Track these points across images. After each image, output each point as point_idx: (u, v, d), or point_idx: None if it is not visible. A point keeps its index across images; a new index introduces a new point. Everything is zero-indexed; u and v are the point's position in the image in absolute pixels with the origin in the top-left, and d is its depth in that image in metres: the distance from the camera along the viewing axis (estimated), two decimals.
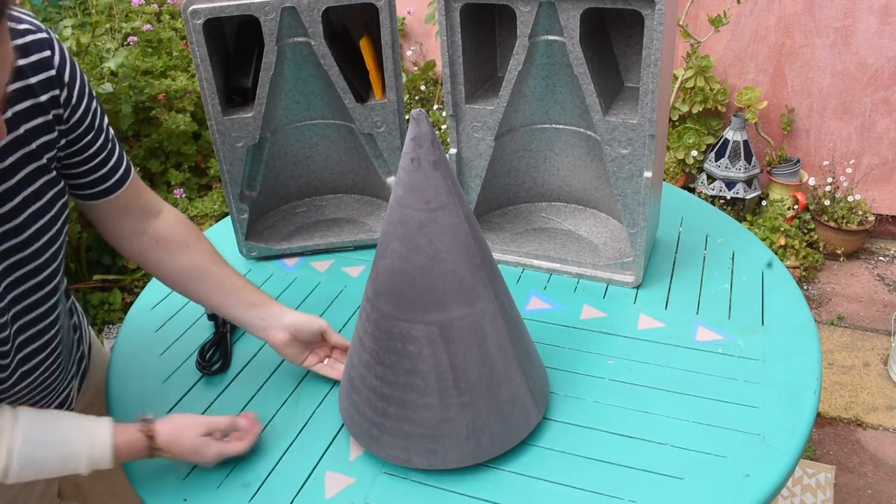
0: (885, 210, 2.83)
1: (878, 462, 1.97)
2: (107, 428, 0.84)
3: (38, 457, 0.80)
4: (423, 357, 0.84)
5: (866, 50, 2.62)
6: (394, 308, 0.84)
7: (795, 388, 0.99)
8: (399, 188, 0.81)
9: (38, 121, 0.79)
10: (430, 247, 0.81)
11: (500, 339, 0.87)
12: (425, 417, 0.86)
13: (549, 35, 1.15)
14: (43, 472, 0.81)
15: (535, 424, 0.93)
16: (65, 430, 0.82)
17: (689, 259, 1.30)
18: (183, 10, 1.14)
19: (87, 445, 0.82)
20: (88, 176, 0.88)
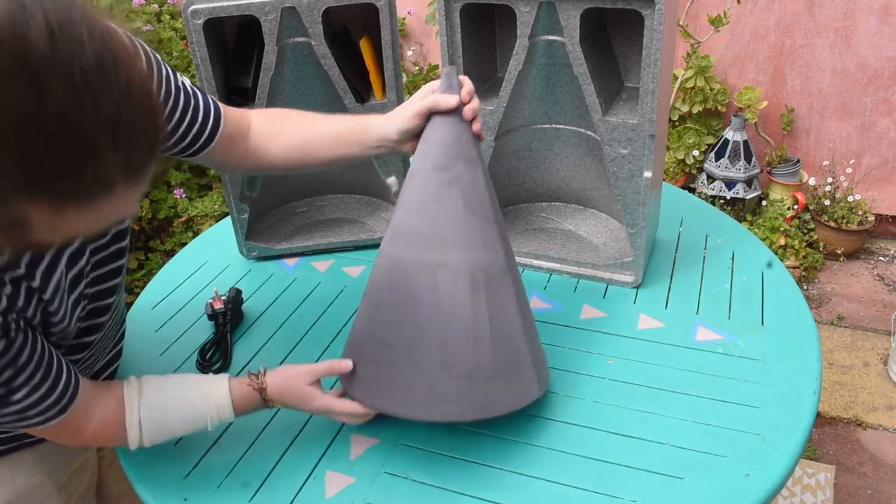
0: (885, 210, 2.83)
1: (878, 462, 1.97)
2: (224, 387, 0.88)
3: (166, 422, 0.87)
4: (429, 300, 0.86)
5: (866, 50, 2.62)
6: (408, 248, 0.87)
7: (795, 387, 0.99)
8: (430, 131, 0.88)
9: None
10: (450, 188, 0.86)
11: (506, 296, 0.89)
12: (427, 363, 0.86)
13: (549, 35, 1.15)
14: (174, 434, 0.88)
15: (536, 397, 0.93)
16: (186, 395, 0.88)
17: (689, 259, 1.30)
18: (183, 10, 1.14)
19: (209, 406, 0.87)
20: (189, 133, 0.91)
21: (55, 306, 0.77)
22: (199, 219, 2.47)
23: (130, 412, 0.84)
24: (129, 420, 0.84)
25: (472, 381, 0.87)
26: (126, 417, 0.84)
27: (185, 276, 1.36)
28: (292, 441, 0.97)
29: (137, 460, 0.95)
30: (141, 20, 2.67)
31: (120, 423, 0.84)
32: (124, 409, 0.84)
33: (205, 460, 0.94)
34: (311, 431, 0.98)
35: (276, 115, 1.02)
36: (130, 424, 0.84)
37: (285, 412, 1.01)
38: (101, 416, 0.84)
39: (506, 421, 0.97)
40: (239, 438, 0.97)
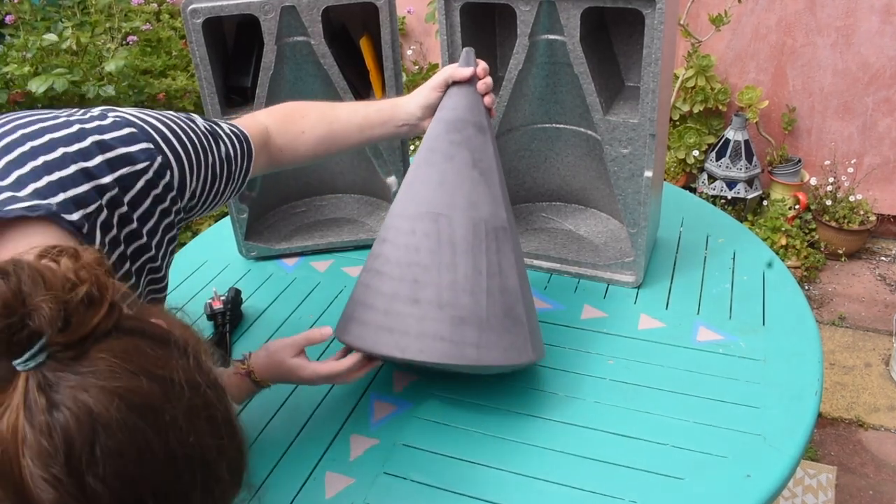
0: (886, 210, 2.83)
1: (880, 463, 1.96)
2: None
3: None
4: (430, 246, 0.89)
5: (868, 49, 2.61)
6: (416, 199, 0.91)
7: (796, 388, 0.99)
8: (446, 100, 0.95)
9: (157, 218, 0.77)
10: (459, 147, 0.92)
11: (507, 253, 0.92)
12: (423, 302, 0.87)
13: (550, 34, 1.15)
14: None
15: (529, 360, 0.93)
16: None
17: (690, 259, 1.30)
18: (182, 9, 1.14)
19: None
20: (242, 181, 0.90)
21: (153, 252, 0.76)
22: (199, 219, 2.47)
23: None
24: None
25: (468, 325, 0.88)
26: None
27: (185, 276, 1.35)
28: (292, 441, 0.96)
29: None
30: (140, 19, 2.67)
31: None
32: None
33: None
34: (311, 432, 0.98)
35: (290, 113, 1.00)
36: None
37: (284, 412, 1.01)
38: None
39: (506, 421, 0.97)
40: None
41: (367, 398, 1.03)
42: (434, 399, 1.02)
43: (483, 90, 0.95)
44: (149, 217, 0.76)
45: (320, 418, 1.00)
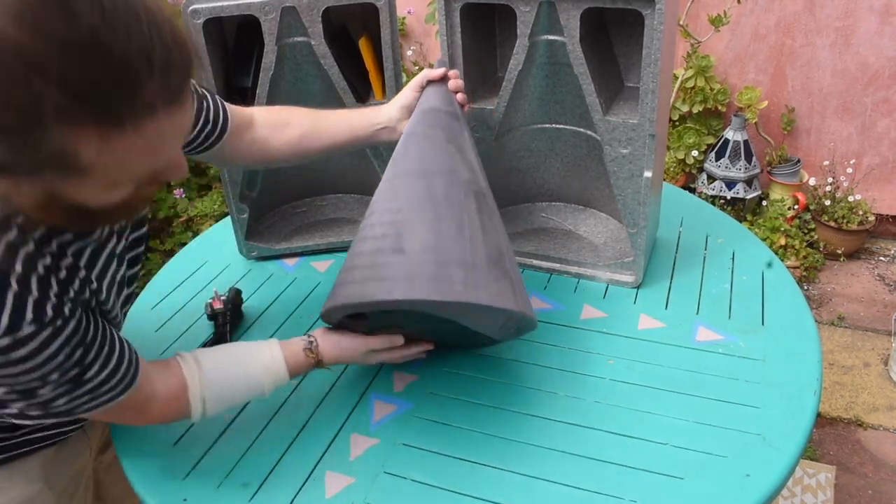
0: (885, 210, 2.83)
1: (879, 462, 1.97)
2: (280, 358, 0.93)
3: (229, 395, 0.91)
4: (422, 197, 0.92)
5: (867, 50, 2.62)
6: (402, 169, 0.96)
7: (796, 388, 0.99)
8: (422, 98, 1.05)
9: None
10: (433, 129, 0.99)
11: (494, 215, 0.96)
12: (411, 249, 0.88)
13: (550, 35, 1.15)
14: (233, 403, 0.93)
15: (515, 310, 0.89)
16: (247, 369, 0.91)
17: (690, 259, 1.30)
18: (183, 9, 1.14)
19: (268, 375, 0.92)
20: (202, 132, 0.97)
21: (104, 296, 0.79)
22: (199, 219, 2.47)
23: (193, 390, 0.87)
24: (193, 397, 0.87)
25: (454, 265, 0.87)
26: (189, 394, 0.87)
27: (185, 276, 1.35)
28: (292, 441, 0.97)
29: (138, 460, 0.95)
30: None
31: (184, 400, 0.87)
32: (187, 386, 0.87)
33: (204, 460, 0.94)
34: (311, 431, 0.98)
35: (278, 108, 1.11)
36: (195, 401, 0.87)
37: (285, 412, 1.01)
38: (165, 395, 0.86)
39: (506, 421, 0.97)
40: (239, 438, 0.97)
41: (367, 398, 1.03)
42: (434, 399, 1.02)
43: (454, 88, 1.06)
44: None
45: (320, 418, 1.00)
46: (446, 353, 1.10)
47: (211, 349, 0.92)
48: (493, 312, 0.90)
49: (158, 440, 0.97)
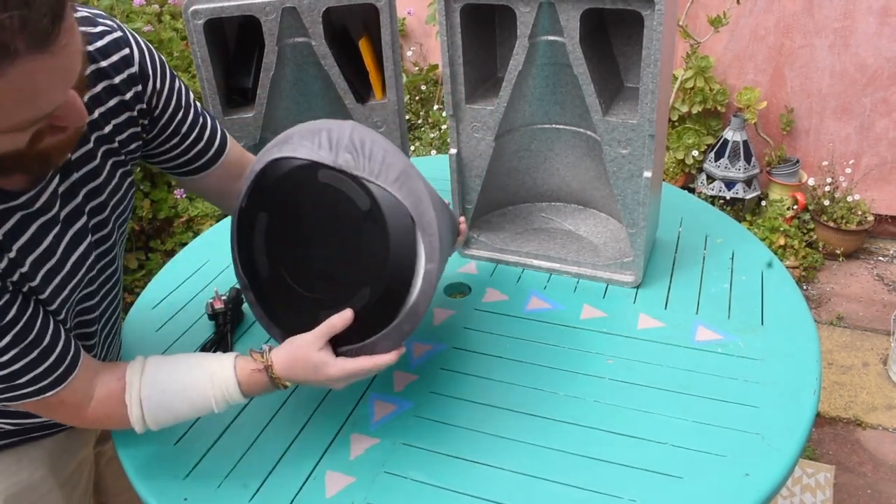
0: (884, 210, 2.84)
1: (878, 462, 1.97)
2: (229, 365, 0.85)
3: (170, 402, 0.83)
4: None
5: (865, 50, 2.62)
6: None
7: (795, 387, 0.99)
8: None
9: (123, 116, 0.84)
10: None
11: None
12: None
13: (549, 35, 1.15)
14: (178, 414, 0.85)
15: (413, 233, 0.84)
16: (189, 374, 0.85)
17: (689, 259, 1.30)
18: (184, 10, 1.14)
19: (214, 385, 0.84)
20: (188, 153, 0.93)
21: (46, 295, 0.76)
22: (200, 219, 2.47)
23: (130, 390, 0.82)
24: (129, 397, 0.82)
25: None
26: (125, 395, 0.82)
27: (186, 276, 1.36)
28: (292, 441, 0.97)
29: (138, 460, 0.95)
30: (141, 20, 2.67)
31: (120, 401, 0.82)
32: (125, 386, 0.83)
33: (205, 460, 0.94)
34: (311, 431, 0.98)
35: None
36: (131, 402, 0.82)
37: (285, 412, 1.01)
38: (101, 394, 0.82)
39: (506, 421, 0.97)
40: (239, 438, 0.98)
41: (367, 398, 1.03)
42: (434, 398, 1.02)
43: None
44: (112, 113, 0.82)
45: (320, 418, 1.00)
46: (446, 353, 1.11)
47: (164, 356, 0.87)
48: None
49: (159, 440, 0.98)
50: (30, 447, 0.93)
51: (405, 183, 0.84)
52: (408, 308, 0.85)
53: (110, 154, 0.84)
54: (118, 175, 0.87)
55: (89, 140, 0.81)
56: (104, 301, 0.92)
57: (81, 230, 0.81)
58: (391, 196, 0.83)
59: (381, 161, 0.84)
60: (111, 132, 0.83)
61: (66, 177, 0.78)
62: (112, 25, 0.82)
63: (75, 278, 0.81)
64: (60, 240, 0.78)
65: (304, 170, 0.84)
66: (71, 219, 0.79)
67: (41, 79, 0.58)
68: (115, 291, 0.95)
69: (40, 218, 0.75)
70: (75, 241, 0.80)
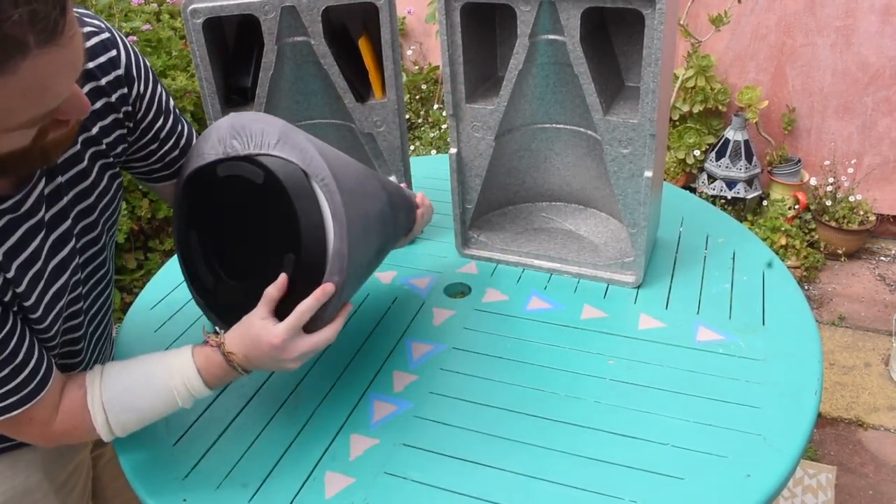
0: (886, 210, 2.83)
1: (880, 462, 1.96)
2: (187, 354, 0.84)
3: (132, 401, 0.81)
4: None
5: (867, 49, 2.62)
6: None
7: (796, 388, 0.99)
8: None
9: (110, 118, 0.84)
10: None
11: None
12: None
13: (550, 34, 1.15)
14: (144, 414, 0.83)
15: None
16: (149, 370, 0.83)
17: (690, 259, 1.30)
18: (182, 9, 1.14)
19: (174, 377, 0.82)
20: (165, 158, 0.93)
21: (31, 301, 0.75)
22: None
23: (92, 394, 0.81)
24: (91, 402, 0.80)
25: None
26: (87, 400, 0.80)
27: None
28: (292, 441, 0.96)
29: (136, 461, 0.95)
30: (140, 19, 2.66)
31: (83, 409, 0.80)
32: (86, 392, 0.81)
33: (204, 461, 0.94)
34: (311, 431, 0.98)
35: None
36: (93, 407, 0.80)
37: (284, 412, 1.01)
38: (66, 405, 0.80)
39: (506, 421, 0.97)
40: (238, 439, 0.97)
41: (367, 398, 1.03)
42: (434, 399, 1.02)
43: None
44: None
45: (320, 418, 1.00)
46: (446, 353, 1.10)
47: (122, 360, 0.85)
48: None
49: (158, 440, 0.97)
50: (24, 452, 0.92)
51: (286, 142, 0.86)
52: (331, 254, 0.86)
53: (98, 156, 0.84)
54: (107, 177, 0.86)
55: (77, 142, 0.80)
56: (94, 304, 0.92)
57: (65, 233, 0.80)
58: (277, 158, 0.85)
59: (261, 133, 0.86)
60: (98, 134, 0.83)
61: (52, 179, 0.78)
62: (100, 26, 0.82)
63: (58, 282, 0.80)
64: (45, 243, 0.77)
65: (204, 173, 0.87)
66: (55, 222, 0.79)
67: (50, 72, 0.58)
68: (106, 294, 0.95)
69: (27, 222, 0.74)
70: (58, 245, 0.79)
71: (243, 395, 1.05)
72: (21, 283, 0.73)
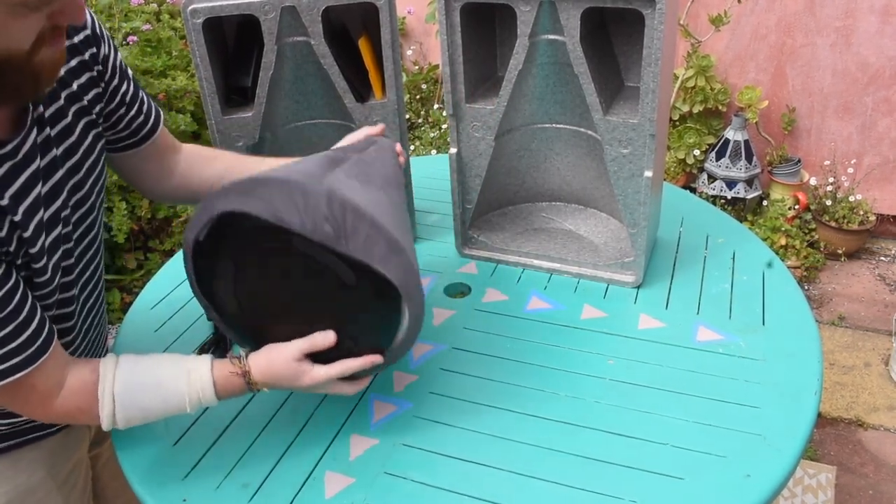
0: (886, 210, 2.83)
1: (880, 462, 1.96)
2: (206, 367, 0.84)
3: (143, 399, 0.82)
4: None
5: (867, 49, 2.62)
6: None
7: (796, 388, 0.99)
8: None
9: (85, 76, 0.85)
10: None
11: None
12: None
13: (550, 34, 1.15)
14: (149, 413, 0.83)
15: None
16: (165, 372, 0.83)
17: (690, 259, 1.30)
18: (182, 9, 1.14)
19: (190, 385, 0.83)
20: (132, 124, 0.94)
21: (36, 249, 0.75)
22: None
23: (104, 384, 0.80)
24: (102, 391, 0.80)
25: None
26: (98, 390, 0.80)
27: (185, 276, 1.35)
28: (292, 441, 0.96)
29: (136, 461, 0.95)
30: (140, 19, 2.66)
31: (92, 395, 0.80)
32: (98, 379, 0.81)
33: (204, 460, 0.94)
34: (311, 431, 0.98)
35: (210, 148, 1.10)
36: (103, 397, 0.80)
37: (284, 412, 1.01)
38: (75, 385, 0.80)
39: (506, 421, 0.97)
40: (238, 439, 0.97)
41: (367, 398, 1.03)
42: (434, 399, 1.02)
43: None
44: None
45: (320, 418, 1.00)
46: (446, 353, 1.10)
47: (137, 354, 0.85)
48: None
49: (158, 440, 0.97)
50: (26, 450, 0.93)
51: (391, 258, 0.80)
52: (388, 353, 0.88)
53: (82, 114, 0.85)
54: (91, 136, 0.87)
55: (60, 97, 0.81)
56: (86, 270, 0.91)
57: (58, 185, 0.81)
58: (379, 273, 0.80)
59: (366, 237, 0.78)
60: (79, 91, 0.84)
61: (42, 130, 0.79)
62: None
63: (54, 232, 0.80)
64: (41, 192, 0.78)
65: (276, 233, 0.79)
66: (49, 171, 0.80)
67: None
68: (97, 262, 0.93)
69: (26, 169, 0.75)
70: (52, 196, 0.80)
71: (244, 396, 1.04)
72: (28, 228, 0.74)
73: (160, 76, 2.58)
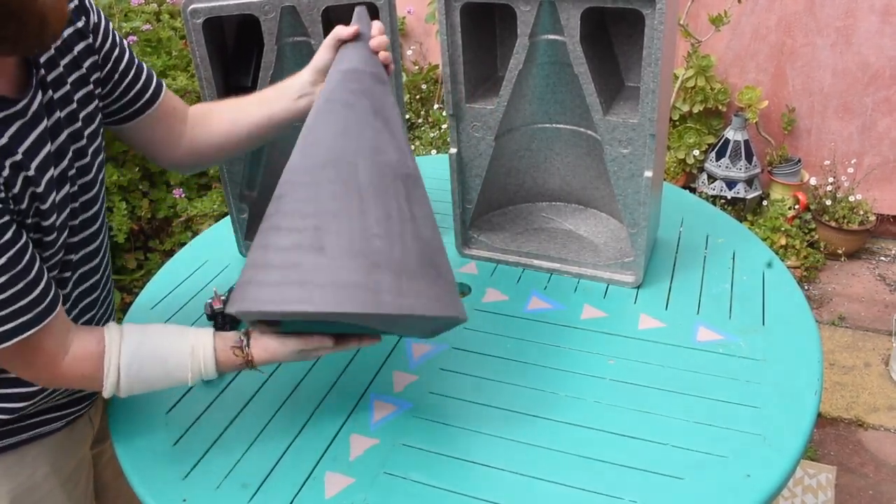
0: (886, 210, 2.83)
1: (880, 462, 1.96)
2: (209, 344, 0.86)
3: (146, 371, 0.84)
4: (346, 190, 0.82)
5: (867, 49, 2.62)
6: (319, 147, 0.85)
7: (796, 388, 0.99)
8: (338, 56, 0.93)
9: (82, 45, 0.85)
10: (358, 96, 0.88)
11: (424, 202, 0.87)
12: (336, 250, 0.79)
13: (550, 34, 1.15)
14: (152, 385, 0.86)
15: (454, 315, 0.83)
16: (169, 347, 0.86)
17: (690, 259, 1.30)
18: (182, 9, 1.14)
19: (194, 359, 0.85)
20: (130, 90, 0.94)
21: (47, 206, 0.76)
22: (199, 218, 2.47)
23: (110, 355, 0.82)
24: (108, 362, 0.82)
25: (382, 270, 0.79)
26: (104, 360, 0.82)
27: (185, 276, 1.35)
28: (292, 441, 0.96)
29: (136, 460, 0.95)
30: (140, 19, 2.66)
31: (97, 363, 0.81)
32: (105, 349, 0.82)
33: (204, 460, 0.94)
34: (311, 431, 0.98)
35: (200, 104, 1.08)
36: (109, 368, 0.82)
37: (284, 412, 1.01)
38: (79, 353, 0.81)
39: (506, 421, 0.97)
40: (238, 438, 0.97)
41: (367, 398, 1.03)
42: (434, 399, 1.02)
43: (376, 47, 0.93)
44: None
45: (320, 418, 1.00)
46: (446, 353, 1.10)
47: (140, 325, 0.87)
48: (426, 318, 0.82)
49: (158, 440, 0.97)
50: (30, 447, 0.93)
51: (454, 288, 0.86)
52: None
53: (80, 83, 0.86)
54: (91, 107, 0.88)
55: (59, 64, 0.82)
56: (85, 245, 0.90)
57: (62, 146, 0.82)
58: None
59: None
60: (77, 58, 0.85)
61: (45, 92, 0.80)
62: None
63: (64, 189, 0.81)
64: (49, 151, 0.79)
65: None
66: (55, 132, 0.81)
67: None
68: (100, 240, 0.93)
69: (35, 127, 0.77)
70: (59, 154, 0.81)
71: (243, 396, 1.05)
72: (40, 184, 0.75)
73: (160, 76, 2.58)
